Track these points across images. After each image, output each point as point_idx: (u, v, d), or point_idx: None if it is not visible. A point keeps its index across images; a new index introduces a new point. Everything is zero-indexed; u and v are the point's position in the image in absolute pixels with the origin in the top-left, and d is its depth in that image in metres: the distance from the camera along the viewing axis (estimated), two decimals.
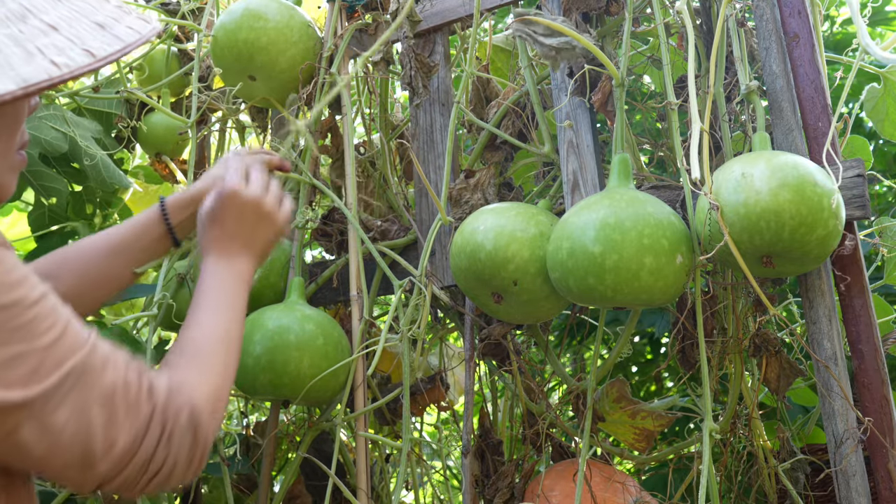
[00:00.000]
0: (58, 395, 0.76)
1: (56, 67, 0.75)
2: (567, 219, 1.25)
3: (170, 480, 0.84)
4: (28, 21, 0.77)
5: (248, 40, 1.66)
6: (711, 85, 1.31)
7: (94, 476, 0.80)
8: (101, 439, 0.78)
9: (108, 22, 0.82)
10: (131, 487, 0.82)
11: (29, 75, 0.73)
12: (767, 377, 1.34)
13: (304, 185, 1.67)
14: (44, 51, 0.75)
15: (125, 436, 0.79)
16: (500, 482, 1.47)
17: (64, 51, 0.77)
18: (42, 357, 0.75)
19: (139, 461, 0.81)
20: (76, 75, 0.76)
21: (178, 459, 0.84)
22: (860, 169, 1.22)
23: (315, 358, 1.46)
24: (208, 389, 0.90)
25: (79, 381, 0.77)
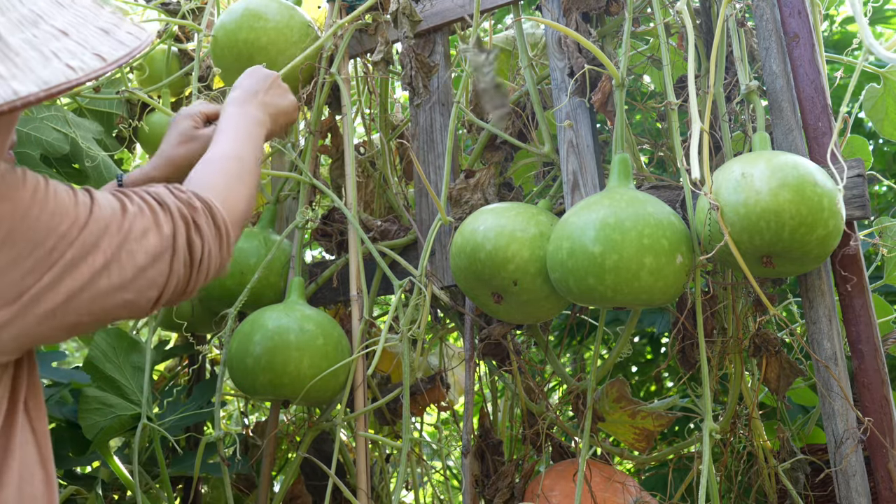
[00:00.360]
0: (102, 245, 0.85)
1: (72, 71, 0.78)
2: (567, 219, 1.25)
3: (210, 269, 0.96)
4: (40, 26, 0.80)
5: (248, 40, 1.66)
6: (711, 85, 1.31)
7: (150, 291, 0.90)
8: (143, 253, 0.88)
9: (111, 28, 0.85)
10: (182, 285, 0.93)
11: (49, 78, 0.76)
12: (767, 377, 1.34)
13: (304, 185, 1.67)
14: (59, 55, 0.78)
15: (157, 241, 0.89)
16: (500, 482, 1.47)
17: (77, 55, 0.79)
18: (83, 233, 0.84)
19: (180, 257, 0.91)
20: (90, 78, 0.79)
21: (210, 245, 0.95)
22: (860, 169, 1.22)
23: (315, 358, 1.46)
24: (213, 184, 1.01)
25: (106, 225, 0.86)
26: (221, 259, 0.98)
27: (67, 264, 0.82)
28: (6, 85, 0.74)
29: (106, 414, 1.54)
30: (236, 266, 1.64)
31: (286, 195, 1.84)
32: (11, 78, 0.74)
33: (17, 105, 0.74)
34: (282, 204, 1.87)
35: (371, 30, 1.72)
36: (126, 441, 1.74)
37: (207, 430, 1.99)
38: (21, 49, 0.76)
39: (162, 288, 0.91)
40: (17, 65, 0.76)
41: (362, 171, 1.81)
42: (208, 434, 1.58)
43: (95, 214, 0.86)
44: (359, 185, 1.77)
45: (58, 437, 1.62)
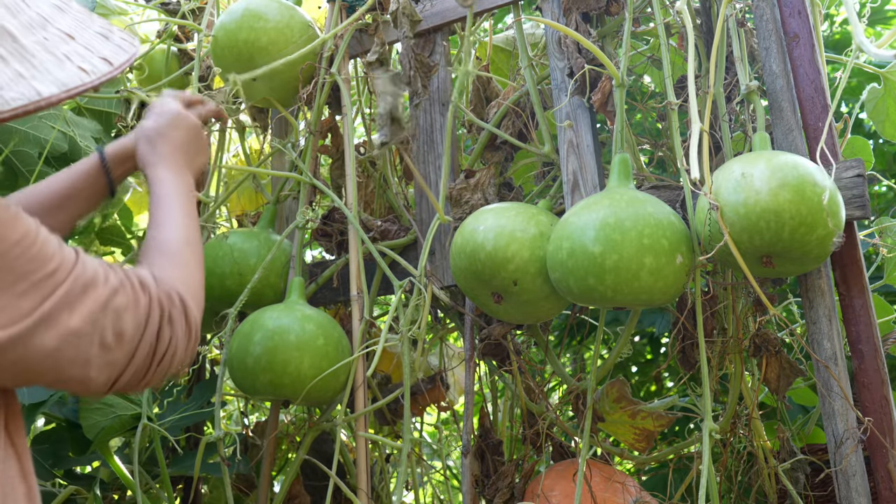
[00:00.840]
0: (70, 303, 0.82)
1: (85, 73, 0.79)
2: (567, 219, 1.25)
3: (172, 364, 0.92)
4: (48, 29, 0.81)
5: (248, 40, 1.66)
6: (711, 85, 1.31)
7: (110, 370, 0.86)
8: (112, 332, 0.85)
9: (107, 33, 0.86)
10: (141, 375, 0.89)
11: (66, 80, 0.77)
12: (767, 377, 1.34)
13: (304, 185, 1.67)
14: (71, 58, 0.79)
15: (131, 324, 0.86)
16: (500, 482, 1.47)
17: (86, 58, 0.80)
18: (53, 278, 0.81)
19: (147, 344, 0.88)
20: (101, 82, 0.80)
21: (178, 340, 0.92)
22: (860, 169, 1.22)
23: (315, 358, 1.46)
24: (185, 281, 0.98)
25: (84, 287, 0.83)
26: (186, 355, 0.95)
27: (40, 318, 0.80)
28: (28, 85, 0.75)
29: (106, 413, 1.54)
30: (236, 266, 1.64)
31: (286, 195, 1.84)
32: (32, 78, 0.75)
33: (41, 105, 0.75)
34: (282, 204, 1.87)
35: (371, 30, 1.72)
36: (126, 441, 1.74)
37: (207, 430, 1.99)
38: (36, 51, 0.77)
39: (122, 370, 0.87)
40: (34, 66, 0.76)
41: (362, 171, 1.81)
42: (208, 434, 1.58)
43: (77, 272, 0.83)
44: (359, 185, 1.77)
45: (58, 437, 1.62)
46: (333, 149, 1.75)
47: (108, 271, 0.88)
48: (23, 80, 0.76)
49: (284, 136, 1.96)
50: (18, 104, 0.76)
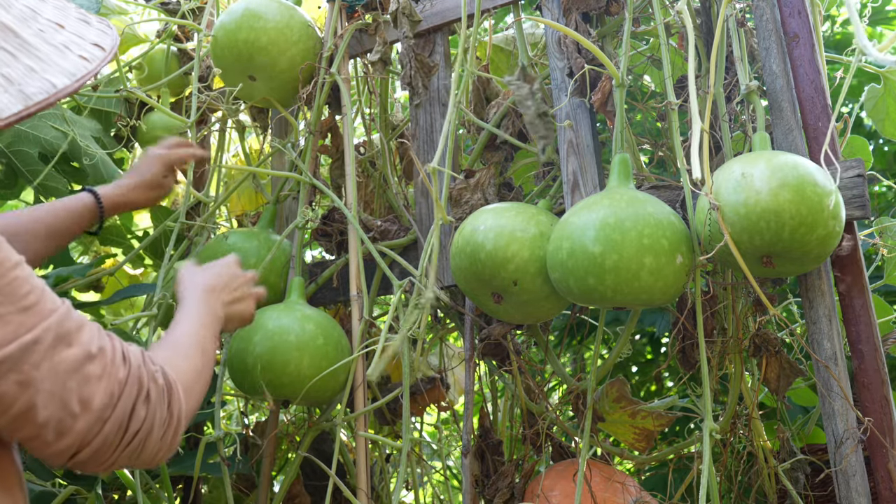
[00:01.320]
0: (37, 352, 0.78)
1: (86, 61, 0.78)
2: (567, 219, 1.25)
3: (144, 450, 0.85)
4: (39, 20, 0.80)
5: (248, 40, 1.66)
6: (711, 85, 1.31)
7: (71, 437, 0.81)
8: (78, 397, 0.80)
9: (84, 17, 0.85)
10: (107, 453, 0.83)
11: (72, 69, 0.77)
12: (767, 377, 1.34)
13: (304, 184, 1.67)
14: (69, 47, 0.78)
15: (102, 394, 0.81)
16: (500, 482, 1.47)
17: (82, 46, 0.79)
18: (21, 320, 0.77)
19: (117, 420, 0.82)
20: (100, 68, 0.79)
21: (154, 424, 0.85)
22: (860, 169, 1.22)
23: (315, 358, 1.46)
24: (182, 370, 0.94)
25: (57, 341, 0.79)
26: (163, 445, 0.88)
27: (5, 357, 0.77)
28: (42, 78, 0.74)
29: None
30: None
31: (286, 195, 1.84)
32: (43, 72, 0.75)
33: (59, 96, 0.74)
34: (282, 204, 1.87)
35: (371, 30, 1.72)
36: None
37: (207, 430, 1.99)
38: (37, 44, 0.77)
39: (84, 442, 0.81)
40: (42, 59, 0.76)
41: (362, 171, 1.81)
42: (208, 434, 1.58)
43: (51, 322, 0.80)
44: (359, 185, 1.77)
45: None
46: (333, 149, 1.75)
47: (93, 334, 0.84)
48: (35, 73, 0.75)
49: (284, 136, 1.96)
50: (41, 97, 0.76)
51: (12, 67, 0.75)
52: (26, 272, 0.80)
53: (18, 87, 0.74)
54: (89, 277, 1.87)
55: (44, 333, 0.78)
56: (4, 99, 0.74)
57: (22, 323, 0.77)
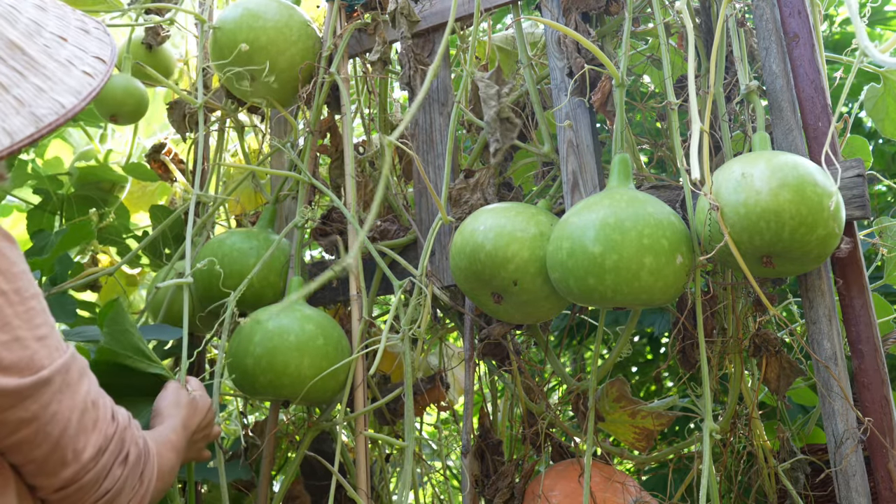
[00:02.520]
0: (47, 392, 0.81)
1: (90, 77, 0.79)
2: (567, 219, 1.25)
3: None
4: (43, 34, 0.80)
5: (247, 40, 1.65)
6: (711, 85, 1.31)
7: (58, 478, 0.84)
8: (73, 445, 0.83)
9: (83, 26, 0.85)
10: (80, 499, 0.86)
11: (78, 87, 0.77)
12: (767, 377, 1.34)
13: (304, 184, 1.67)
14: (73, 62, 0.79)
15: (92, 447, 0.85)
16: (500, 482, 1.47)
17: (84, 60, 0.80)
18: (36, 348, 0.80)
19: (96, 474, 0.86)
20: (104, 82, 0.80)
21: (124, 487, 0.89)
22: (860, 169, 1.22)
23: (315, 358, 1.46)
24: (160, 452, 0.98)
25: (64, 384, 0.82)
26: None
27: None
28: (51, 99, 0.75)
29: None
30: (236, 267, 1.63)
31: (285, 195, 1.84)
32: (51, 91, 0.75)
33: (67, 117, 0.75)
34: (281, 204, 1.87)
35: (370, 29, 1.72)
36: None
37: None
38: (43, 60, 0.77)
39: (60, 486, 0.84)
40: (49, 77, 0.76)
41: (362, 170, 1.81)
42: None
43: (63, 364, 0.83)
44: (358, 185, 1.76)
45: None
46: (332, 148, 1.75)
47: (91, 384, 0.87)
48: (44, 93, 0.76)
49: (284, 135, 1.96)
50: (51, 119, 0.77)
51: (22, 88, 0.75)
52: (42, 306, 0.83)
53: (29, 109, 0.75)
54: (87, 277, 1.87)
55: (56, 374, 0.81)
56: (17, 121, 0.74)
57: (37, 352, 0.80)
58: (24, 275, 0.81)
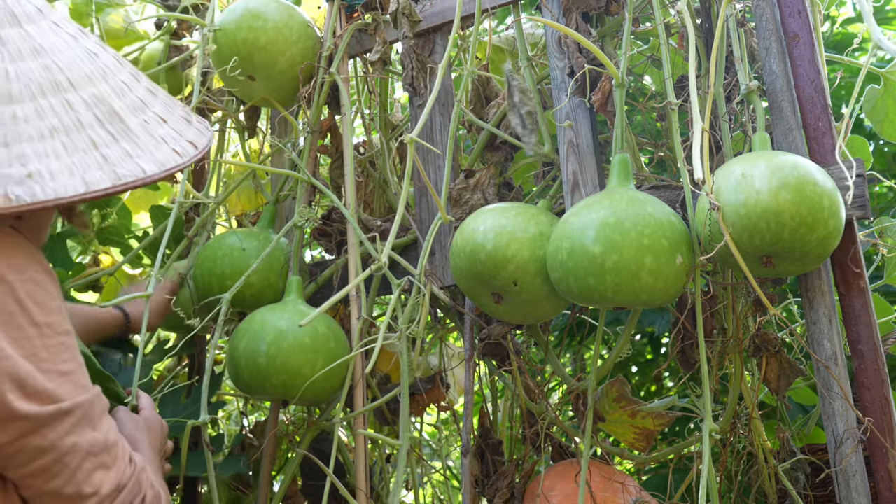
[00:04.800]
0: (67, 423, 0.84)
1: (178, 155, 0.87)
2: (567, 219, 1.25)
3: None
4: (146, 112, 0.89)
5: (247, 40, 1.66)
6: (711, 85, 1.31)
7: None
8: (90, 479, 0.86)
9: (187, 117, 0.94)
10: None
11: (163, 160, 0.85)
12: (767, 377, 1.34)
13: (304, 184, 1.67)
14: (166, 140, 0.87)
15: (109, 485, 0.88)
16: (500, 482, 1.47)
17: (178, 141, 0.88)
18: (60, 381, 0.84)
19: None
20: (188, 164, 0.88)
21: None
22: (860, 169, 1.22)
23: (329, 361, 1.47)
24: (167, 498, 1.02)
25: (84, 418, 0.86)
26: None
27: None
28: (135, 163, 0.82)
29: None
30: (236, 267, 1.64)
31: (286, 195, 1.84)
32: (137, 157, 0.83)
33: (145, 181, 0.82)
34: (281, 204, 1.87)
35: (371, 29, 1.72)
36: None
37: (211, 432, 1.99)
38: (139, 132, 0.85)
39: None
40: (139, 146, 0.84)
41: (362, 170, 1.81)
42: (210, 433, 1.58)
43: (85, 400, 0.86)
44: (358, 185, 1.76)
45: None
46: (333, 148, 1.75)
47: (111, 426, 0.91)
48: (130, 158, 0.84)
49: (284, 135, 1.96)
50: (128, 180, 0.84)
51: (111, 149, 0.83)
52: (72, 343, 0.87)
53: (112, 167, 0.83)
54: (88, 277, 1.87)
55: (76, 407, 0.85)
56: (97, 175, 0.82)
57: (60, 385, 0.84)
58: (59, 311, 0.86)
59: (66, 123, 0.82)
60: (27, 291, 0.83)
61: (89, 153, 0.82)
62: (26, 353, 0.82)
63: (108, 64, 0.90)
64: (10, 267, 0.83)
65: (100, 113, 0.84)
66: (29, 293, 0.83)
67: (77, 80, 0.84)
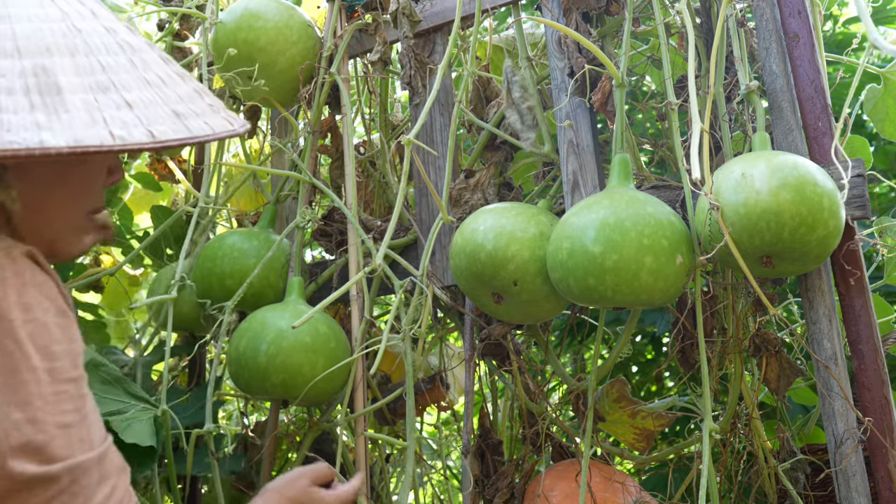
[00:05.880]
0: (53, 488, 0.76)
1: (111, 137, 0.81)
2: (567, 219, 1.25)
3: None
4: (108, 94, 0.84)
5: (247, 40, 1.66)
6: (711, 85, 1.31)
7: None
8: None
9: (187, 113, 0.88)
10: None
11: (82, 137, 0.79)
12: (767, 377, 1.34)
13: (304, 184, 1.67)
14: (108, 121, 0.82)
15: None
16: (500, 482, 1.47)
17: (127, 125, 0.82)
18: (55, 434, 0.76)
19: None
20: (126, 149, 0.81)
21: None
22: (860, 169, 1.22)
23: (329, 360, 1.47)
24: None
25: (76, 485, 0.77)
26: None
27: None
28: (37, 133, 0.77)
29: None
30: (237, 266, 1.64)
31: (286, 195, 1.84)
32: (47, 129, 0.77)
33: (34, 153, 0.75)
34: (282, 204, 1.87)
35: (371, 29, 1.72)
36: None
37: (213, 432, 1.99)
38: (73, 109, 0.80)
39: None
40: (60, 119, 0.79)
41: (362, 171, 1.81)
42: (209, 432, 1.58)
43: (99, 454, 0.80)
44: (359, 185, 1.77)
45: None
46: (333, 149, 1.75)
47: (116, 489, 0.82)
48: (36, 128, 0.79)
49: (284, 135, 1.96)
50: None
51: (16, 115, 0.78)
52: (78, 392, 0.80)
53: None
54: (89, 277, 1.87)
55: (64, 473, 0.76)
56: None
57: (54, 439, 0.76)
58: (66, 355, 0.80)
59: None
60: (28, 332, 0.77)
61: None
62: (18, 400, 0.75)
63: (98, 43, 0.85)
64: (17, 305, 0.77)
65: (34, 83, 0.80)
66: (30, 334, 0.77)
67: (27, 49, 0.80)
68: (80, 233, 0.93)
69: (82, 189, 0.92)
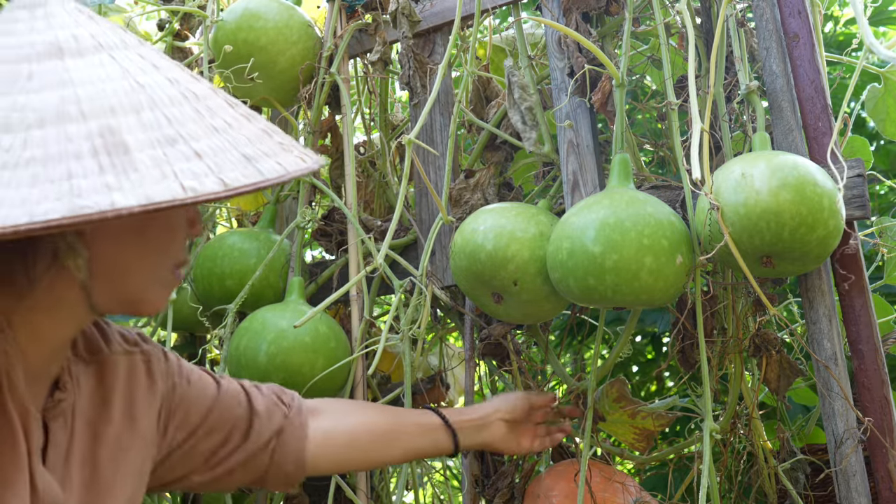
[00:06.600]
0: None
1: (182, 190, 0.79)
2: (567, 219, 1.25)
3: None
4: (176, 146, 0.82)
5: (247, 40, 1.66)
6: (711, 85, 1.31)
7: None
8: None
9: (258, 156, 0.86)
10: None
11: (153, 194, 0.77)
12: (767, 377, 1.34)
13: (304, 184, 1.67)
14: (178, 174, 0.80)
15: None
16: (500, 482, 1.47)
17: (199, 177, 0.80)
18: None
19: None
20: (199, 201, 0.79)
21: None
22: (860, 169, 1.22)
23: (329, 360, 1.47)
24: None
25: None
26: None
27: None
28: (108, 195, 0.76)
29: None
30: (237, 266, 1.64)
31: (286, 195, 1.84)
32: (117, 190, 0.76)
33: (106, 215, 0.74)
34: (282, 204, 1.87)
35: (371, 30, 1.72)
36: None
37: None
38: (142, 166, 0.79)
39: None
40: (129, 178, 0.77)
41: (362, 171, 1.81)
42: None
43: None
44: (358, 185, 1.77)
45: None
46: (333, 149, 1.75)
47: None
48: (107, 189, 0.78)
49: None
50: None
51: (88, 180, 0.77)
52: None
53: (73, 198, 0.76)
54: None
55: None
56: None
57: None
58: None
59: (51, 153, 0.76)
60: None
61: (56, 184, 0.76)
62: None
63: (162, 96, 0.84)
64: None
65: (100, 143, 0.79)
66: None
67: (92, 111, 0.79)
68: (164, 287, 0.93)
69: (162, 245, 0.92)
